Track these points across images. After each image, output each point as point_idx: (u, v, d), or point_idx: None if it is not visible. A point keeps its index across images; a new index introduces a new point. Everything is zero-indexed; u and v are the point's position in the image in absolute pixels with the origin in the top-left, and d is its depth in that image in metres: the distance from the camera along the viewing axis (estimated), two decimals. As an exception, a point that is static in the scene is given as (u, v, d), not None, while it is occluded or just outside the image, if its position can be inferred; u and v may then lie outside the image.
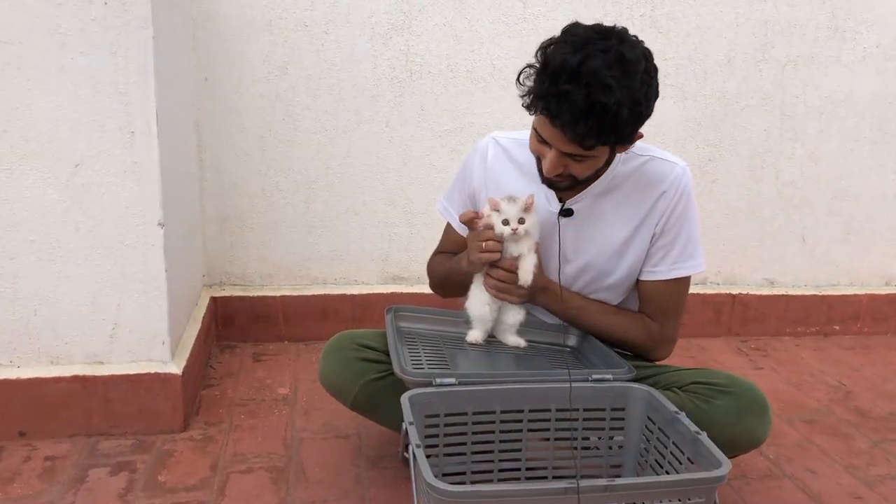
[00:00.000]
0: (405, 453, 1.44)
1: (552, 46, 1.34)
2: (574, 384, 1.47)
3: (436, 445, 1.43)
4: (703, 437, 1.27)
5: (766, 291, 2.57)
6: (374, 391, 1.56)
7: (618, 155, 1.49)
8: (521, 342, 1.60)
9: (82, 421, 1.75)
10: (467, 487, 1.19)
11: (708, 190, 2.31)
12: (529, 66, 1.36)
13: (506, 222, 1.46)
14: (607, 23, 1.34)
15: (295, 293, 2.35)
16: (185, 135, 2.07)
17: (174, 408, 1.78)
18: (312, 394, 2.00)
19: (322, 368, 1.58)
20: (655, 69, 1.36)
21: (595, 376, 1.47)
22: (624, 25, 1.33)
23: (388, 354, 1.53)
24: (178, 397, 1.78)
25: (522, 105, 1.38)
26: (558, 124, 1.31)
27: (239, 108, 2.22)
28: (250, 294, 2.33)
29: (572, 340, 1.69)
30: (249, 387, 2.05)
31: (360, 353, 1.57)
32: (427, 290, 2.41)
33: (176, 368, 1.78)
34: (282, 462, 1.67)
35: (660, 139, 2.38)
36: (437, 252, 1.80)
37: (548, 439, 1.48)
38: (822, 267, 2.62)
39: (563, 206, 1.55)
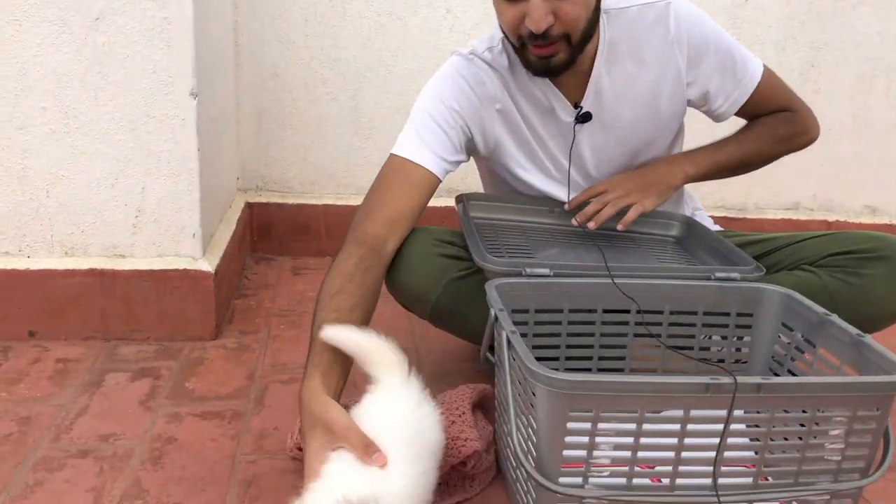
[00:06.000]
0: (488, 353, 1.20)
1: None
2: (692, 283, 1.21)
3: (523, 348, 1.18)
4: (868, 338, 1.01)
5: (866, 220, 2.27)
6: (458, 292, 1.29)
7: (602, 17, 1.26)
8: None
9: (99, 323, 1.51)
10: (581, 375, 0.92)
11: (808, 101, 2.04)
12: None
13: None
14: None
15: (339, 203, 2.09)
16: (220, 11, 1.81)
17: (205, 311, 1.54)
18: (360, 308, 1.75)
19: (397, 267, 1.27)
20: None
21: (719, 274, 1.21)
22: None
23: (468, 250, 1.28)
24: (210, 299, 1.54)
25: None
26: None
27: (281, -14, 1.95)
28: (289, 202, 2.08)
29: (675, 230, 1.43)
30: (289, 299, 1.80)
31: (439, 249, 1.31)
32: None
33: (208, 266, 1.54)
34: (329, 374, 1.43)
35: (754, 39, 2.09)
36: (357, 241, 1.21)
37: (658, 346, 1.22)
38: (931, 194, 2.32)
39: (579, 110, 1.30)
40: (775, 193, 2.24)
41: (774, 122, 1.37)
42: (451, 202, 2.16)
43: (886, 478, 1.17)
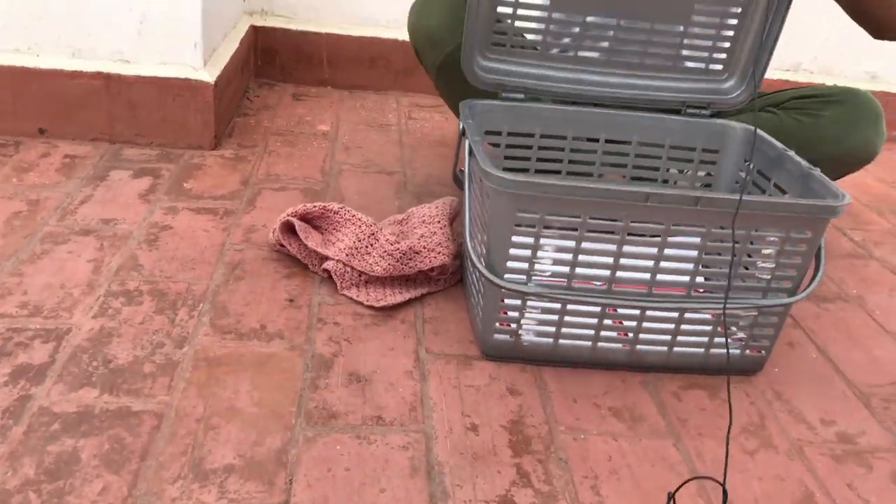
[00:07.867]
0: (459, 169, 1.27)
1: None
2: (662, 115, 1.27)
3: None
4: (818, 172, 1.08)
5: (864, 86, 2.28)
6: None
7: None
8: None
9: (104, 125, 1.59)
10: (529, 177, 0.96)
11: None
12: None
13: None
14: None
15: (342, 32, 2.11)
16: None
17: (204, 121, 1.61)
18: (356, 135, 1.82)
19: (421, 8, 1.36)
20: None
21: (691, 109, 1.27)
22: None
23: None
24: (209, 110, 1.61)
25: None
26: None
27: None
28: (293, 28, 2.10)
29: None
30: (287, 120, 1.87)
31: None
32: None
33: (208, 77, 1.60)
34: (319, 186, 1.52)
35: None
36: None
37: (624, 176, 1.30)
38: (933, 67, 2.32)
39: None
40: (777, 52, 2.23)
41: None
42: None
43: (821, 306, 1.28)
